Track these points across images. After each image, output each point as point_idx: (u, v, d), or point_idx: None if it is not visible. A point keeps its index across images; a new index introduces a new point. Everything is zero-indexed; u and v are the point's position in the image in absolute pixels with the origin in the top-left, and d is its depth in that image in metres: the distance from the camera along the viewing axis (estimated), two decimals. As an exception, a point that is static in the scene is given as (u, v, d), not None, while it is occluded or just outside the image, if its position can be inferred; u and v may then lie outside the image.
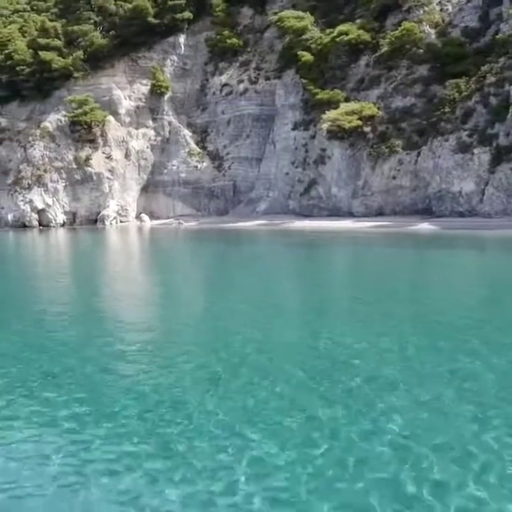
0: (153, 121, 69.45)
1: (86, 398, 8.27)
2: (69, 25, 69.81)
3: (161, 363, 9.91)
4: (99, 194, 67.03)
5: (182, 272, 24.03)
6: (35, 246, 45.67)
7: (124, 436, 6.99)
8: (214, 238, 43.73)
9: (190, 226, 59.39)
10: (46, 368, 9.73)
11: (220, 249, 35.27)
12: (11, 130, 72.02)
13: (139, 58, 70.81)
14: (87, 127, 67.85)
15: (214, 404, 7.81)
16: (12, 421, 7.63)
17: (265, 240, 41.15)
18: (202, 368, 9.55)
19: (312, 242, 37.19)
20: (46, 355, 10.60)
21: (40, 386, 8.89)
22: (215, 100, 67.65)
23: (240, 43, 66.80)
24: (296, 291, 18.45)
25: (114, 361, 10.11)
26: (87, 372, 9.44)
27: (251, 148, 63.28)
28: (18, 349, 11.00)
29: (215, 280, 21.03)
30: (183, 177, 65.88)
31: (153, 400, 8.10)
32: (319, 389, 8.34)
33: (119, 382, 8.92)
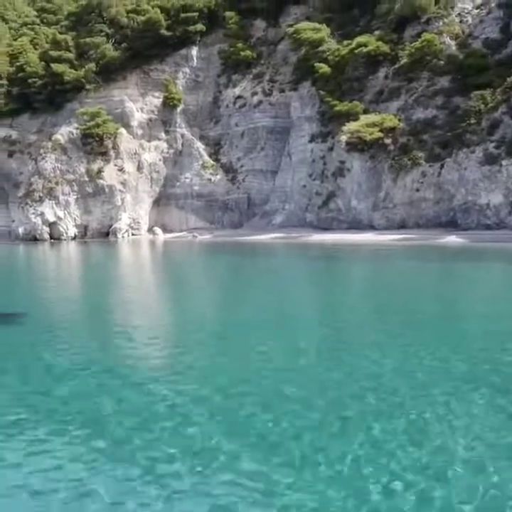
0: (165, 134, 68.93)
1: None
2: (81, 37, 69.49)
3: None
4: (111, 207, 66.32)
5: (207, 286, 23.08)
6: (50, 260, 44.78)
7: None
8: (231, 251, 42.88)
9: (204, 239, 58.60)
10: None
11: (240, 262, 34.42)
12: (22, 143, 71.53)
13: (151, 71, 70.45)
14: (99, 140, 67.31)
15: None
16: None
17: (285, 253, 40.26)
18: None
19: (335, 255, 36.39)
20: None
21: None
22: (228, 113, 67.16)
23: (253, 55, 66.45)
24: (321, 307, 17.50)
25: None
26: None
27: (265, 161, 62.67)
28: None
29: (240, 295, 20.08)
30: (196, 190, 65.20)
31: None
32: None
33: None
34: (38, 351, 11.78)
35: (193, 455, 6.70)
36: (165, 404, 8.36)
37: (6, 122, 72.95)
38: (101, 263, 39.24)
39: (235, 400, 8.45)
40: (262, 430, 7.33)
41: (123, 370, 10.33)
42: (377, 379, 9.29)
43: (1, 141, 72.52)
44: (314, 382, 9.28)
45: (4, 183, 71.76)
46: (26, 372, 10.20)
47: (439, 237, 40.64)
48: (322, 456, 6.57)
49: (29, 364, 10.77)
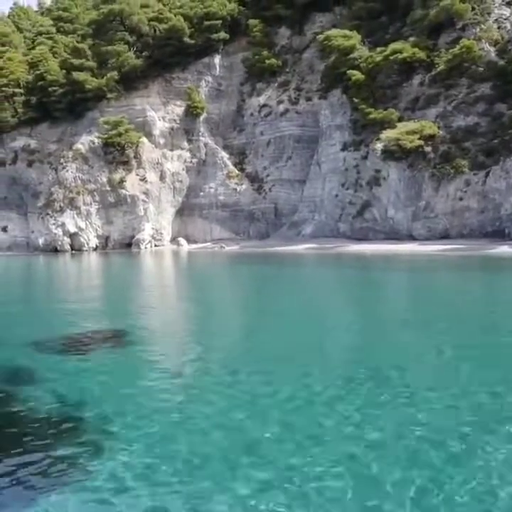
0: (188, 143, 67.74)
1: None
2: (101, 45, 68.44)
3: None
4: (134, 217, 64.96)
5: (250, 299, 21.52)
6: (81, 272, 43.22)
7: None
8: (265, 262, 41.31)
9: (232, 250, 57.11)
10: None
11: (279, 273, 32.82)
12: (41, 152, 70.24)
13: (173, 79, 69.41)
14: (120, 149, 66.16)
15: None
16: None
17: (326, 264, 38.52)
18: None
19: (381, 266, 34.88)
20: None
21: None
22: (252, 121, 66.03)
23: (278, 63, 65.45)
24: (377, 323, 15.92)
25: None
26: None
27: (293, 170, 61.43)
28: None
29: (295, 312, 18.50)
30: (221, 200, 63.88)
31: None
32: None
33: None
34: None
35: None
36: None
37: (25, 131, 71.80)
38: (137, 275, 37.65)
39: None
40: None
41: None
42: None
43: (20, 151, 71.28)
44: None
45: (23, 192, 70.45)
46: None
47: (488, 247, 39.22)
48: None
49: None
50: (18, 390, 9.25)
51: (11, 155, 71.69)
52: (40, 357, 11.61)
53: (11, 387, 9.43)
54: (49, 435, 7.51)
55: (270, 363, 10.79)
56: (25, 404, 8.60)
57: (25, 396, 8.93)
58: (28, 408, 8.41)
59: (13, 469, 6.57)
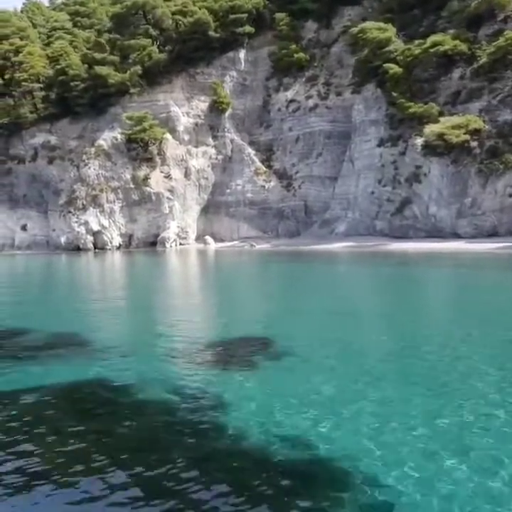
0: (213, 139, 66.21)
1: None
2: (124, 39, 66.85)
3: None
4: (158, 215, 63.42)
5: (300, 299, 19.99)
6: (113, 271, 41.65)
7: None
8: (304, 261, 39.78)
9: (263, 248, 55.58)
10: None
11: (325, 272, 31.27)
12: (62, 149, 68.72)
13: (197, 74, 67.89)
14: (144, 145, 64.59)
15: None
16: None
17: (369, 262, 36.82)
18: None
19: (432, 264, 33.23)
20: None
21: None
22: (280, 117, 64.51)
23: (306, 57, 63.91)
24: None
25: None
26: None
27: (323, 167, 59.94)
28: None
29: (358, 314, 17.02)
30: (249, 197, 62.36)
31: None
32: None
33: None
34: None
35: None
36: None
37: (44, 128, 70.25)
38: (171, 275, 36.01)
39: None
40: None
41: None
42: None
43: (40, 147, 69.78)
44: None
45: (43, 190, 68.94)
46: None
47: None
48: None
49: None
50: (208, 416, 7.72)
51: (31, 152, 70.19)
52: (199, 371, 9.96)
53: (195, 413, 7.93)
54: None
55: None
56: (231, 436, 7.07)
57: (224, 425, 7.40)
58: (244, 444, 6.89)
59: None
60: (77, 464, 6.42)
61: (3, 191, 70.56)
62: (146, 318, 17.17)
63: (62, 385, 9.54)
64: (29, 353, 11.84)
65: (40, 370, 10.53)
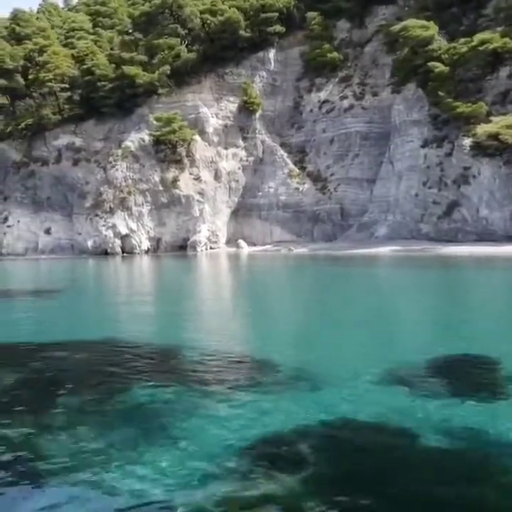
0: (243, 141, 64.62)
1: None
2: (152, 38, 65.29)
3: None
4: (188, 218, 61.76)
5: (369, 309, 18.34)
6: (157, 277, 39.93)
7: None
8: (351, 264, 38.02)
9: (301, 253, 53.86)
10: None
11: (387, 279, 29.60)
12: (87, 150, 67.15)
13: (226, 74, 66.39)
14: (172, 147, 62.98)
15: None
16: None
17: (430, 267, 35.02)
18: None
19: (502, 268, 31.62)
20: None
21: None
22: (312, 118, 62.97)
23: (340, 57, 62.40)
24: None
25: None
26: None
27: (360, 169, 58.33)
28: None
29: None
30: (282, 200, 60.71)
31: None
32: None
33: None
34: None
35: None
36: None
37: (68, 129, 68.74)
38: (221, 281, 34.33)
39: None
40: None
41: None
42: None
43: (64, 149, 68.25)
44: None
45: (67, 193, 67.33)
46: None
47: None
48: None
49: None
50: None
51: (54, 154, 68.63)
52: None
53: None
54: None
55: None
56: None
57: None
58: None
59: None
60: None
61: (26, 194, 68.98)
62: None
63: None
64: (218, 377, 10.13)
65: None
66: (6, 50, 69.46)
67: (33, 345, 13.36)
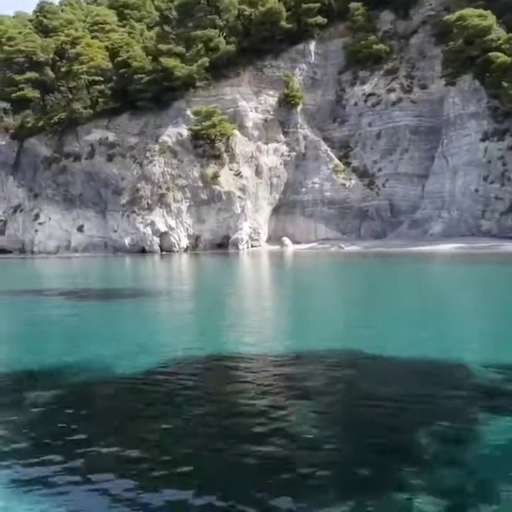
0: (284, 136, 62.58)
1: None
2: (191, 30, 63.25)
3: None
4: (229, 215, 59.74)
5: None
6: (202, 275, 37.88)
7: None
8: (416, 262, 35.96)
9: (351, 250, 51.85)
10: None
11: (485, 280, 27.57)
12: (121, 145, 65.11)
13: (264, 67, 64.39)
14: (210, 142, 61.00)
15: None
16: None
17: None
18: None
19: None
20: None
21: None
22: (357, 112, 60.99)
23: (386, 49, 60.43)
24: None
25: None
26: None
27: (410, 164, 56.40)
28: None
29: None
30: (327, 196, 58.70)
31: None
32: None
33: None
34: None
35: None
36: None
37: (101, 124, 66.70)
38: (293, 281, 32.27)
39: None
40: None
41: None
42: None
43: (97, 144, 66.19)
44: None
45: (101, 189, 65.33)
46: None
47: None
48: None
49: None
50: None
51: (87, 149, 66.61)
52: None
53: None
54: None
55: None
56: None
57: None
58: None
59: None
60: None
61: (58, 191, 67.01)
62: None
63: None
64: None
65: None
66: (37, 42, 67.52)
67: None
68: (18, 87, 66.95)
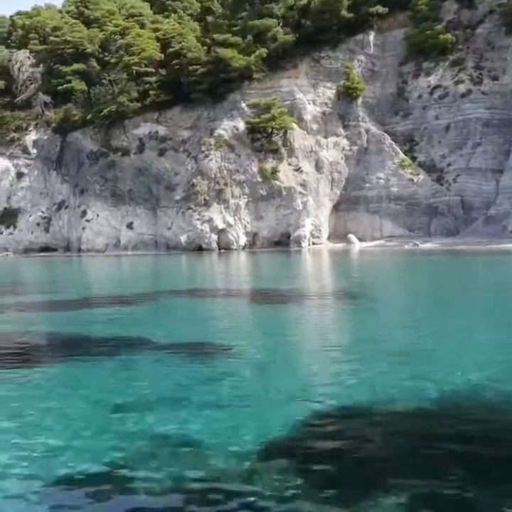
0: (344, 129, 60.33)
1: None
2: (248, 19, 60.94)
3: None
4: (290, 212, 57.49)
5: None
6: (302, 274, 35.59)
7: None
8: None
9: (428, 248, 49.61)
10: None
11: None
12: (173, 139, 62.84)
13: (321, 58, 62.18)
14: (267, 136, 58.82)
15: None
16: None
17: None
18: None
19: None
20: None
21: None
22: (422, 104, 58.76)
23: (453, 39, 58.20)
24: None
25: None
26: None
27: (483, 158, 54.17)
28: None
29: None
30: (394, 192, 56.48)
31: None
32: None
33: None
34: None
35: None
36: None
37: (150, 117, 64.55)
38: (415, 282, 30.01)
39: None
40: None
41: None
42: None
43: (147, 138, 63.96)
44: None
45: (152, 184, 63.07)
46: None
47: None
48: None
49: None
50: None
51: (136, 143, 64.42)
52: None
53: None
54: None
55: None
56: None
57: None
58: None
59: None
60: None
61: (106, 186, 64.73)
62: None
63: None
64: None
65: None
66: (83, 33, 65.16)
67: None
68: (65, 79, 64.57)
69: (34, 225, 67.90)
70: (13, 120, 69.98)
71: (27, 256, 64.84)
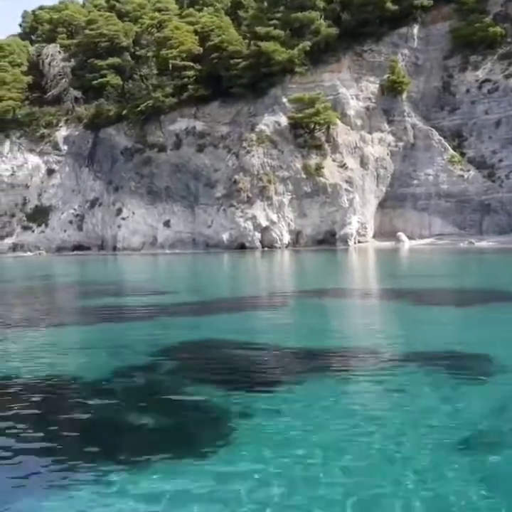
0: (389, 125, 58.81)
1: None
2: (291, 11, 59.38)
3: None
4: (335, 209, 55.97)
5: None
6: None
7: None
8: None
9: (485, 246, 48.13)
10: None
11: None
12: (212, 135, 61.29)
13: (364, 52, 60.65)
14: (309, 131, 57.33)
15: None
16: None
17: None
18: None
19: None
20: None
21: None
22: (470, 99, 57.26)
23: (502, 32, 56.70)
24: None
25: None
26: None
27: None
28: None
29: None
30: (444, 189, 54.96)
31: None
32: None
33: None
34: None
35: None
36: None
37: (188, 112, 62.99)
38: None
39: None
40: None
41: None
42: None
43: (184, 134, 62.47)
44: None
45: (190, 181, 61.53)
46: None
47: None
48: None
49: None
50: None
51: (172, 139, 62.88)
52: None
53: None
54: None
55: None
56: None
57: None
58: None
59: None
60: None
61: (141, 183, 63.18)
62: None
63: None
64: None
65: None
66: (119, 26, 63.55)
67: None
68: (99, 73, 62.98)
69: (66, 222, 66.32)
70: (43, 116, 68.40)
71: (60, 255, 63.25)
